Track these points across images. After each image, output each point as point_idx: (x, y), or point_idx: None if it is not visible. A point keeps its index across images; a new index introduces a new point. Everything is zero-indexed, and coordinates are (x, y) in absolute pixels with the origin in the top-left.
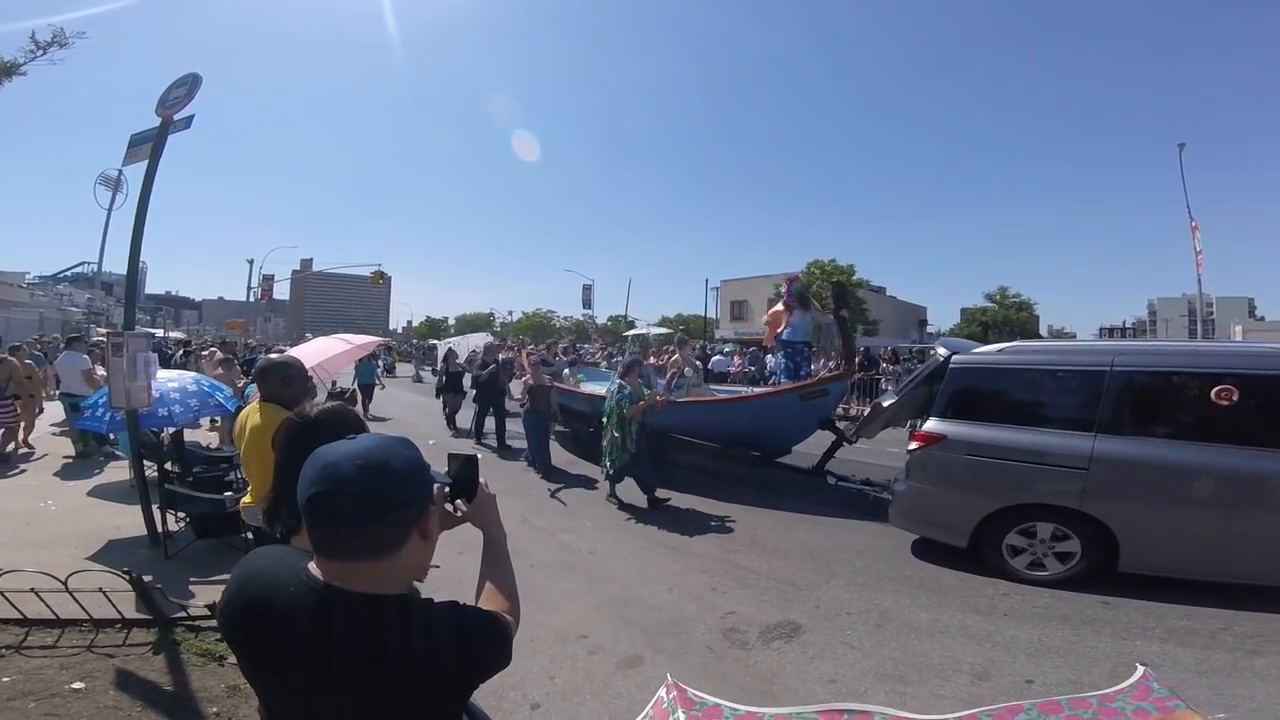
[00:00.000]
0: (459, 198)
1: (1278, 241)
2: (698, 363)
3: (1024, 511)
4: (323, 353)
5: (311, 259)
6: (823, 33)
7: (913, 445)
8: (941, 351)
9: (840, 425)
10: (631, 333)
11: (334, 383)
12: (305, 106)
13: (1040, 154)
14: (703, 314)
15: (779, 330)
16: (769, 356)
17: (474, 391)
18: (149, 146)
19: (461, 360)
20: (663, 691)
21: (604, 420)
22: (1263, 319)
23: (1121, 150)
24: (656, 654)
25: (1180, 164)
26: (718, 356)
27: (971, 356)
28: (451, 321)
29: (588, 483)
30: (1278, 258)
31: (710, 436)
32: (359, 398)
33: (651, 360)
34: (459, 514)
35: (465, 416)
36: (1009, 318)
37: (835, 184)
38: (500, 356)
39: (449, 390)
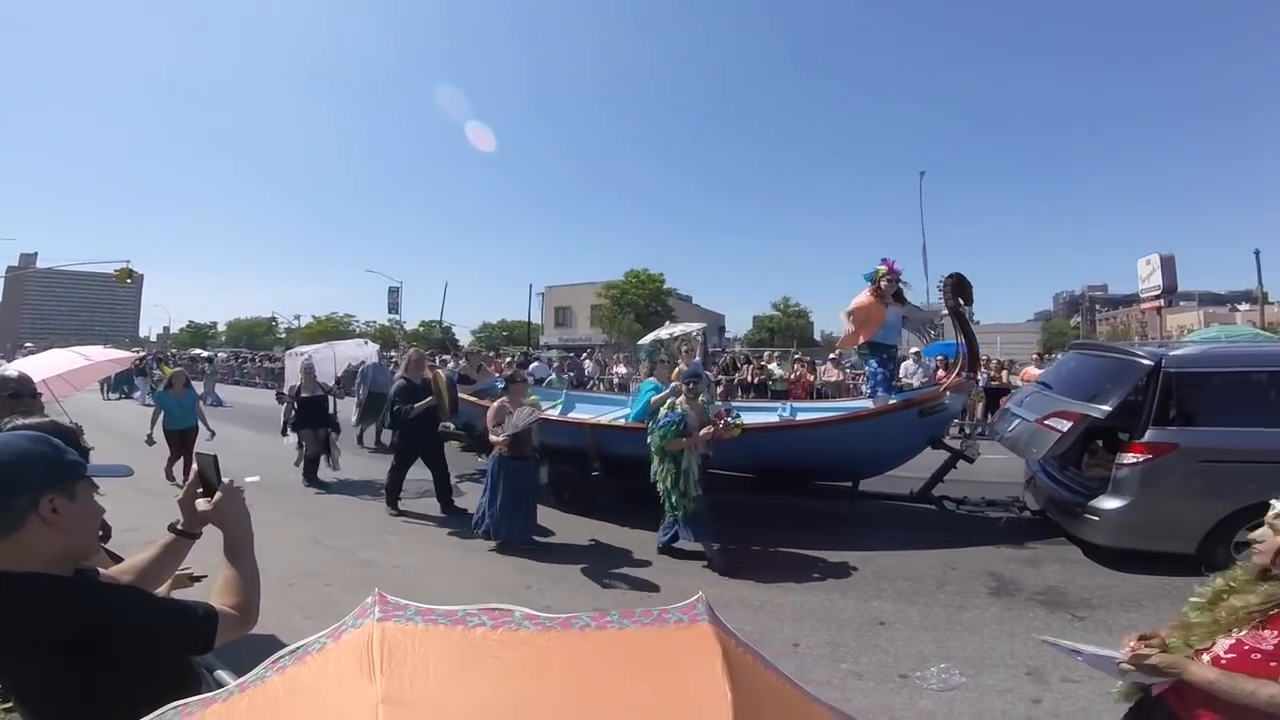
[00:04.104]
0: (231, 187)
1: (993, 259)
2: (709, 374)
3: (1246, 512)
4: (49, 369)
5: (35, 254)
6: (651, 44)
7: (1131, 458)
8: (1139, 353)
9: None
10: (651, 336)
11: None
12: (21, 66)
13: (812, 174)
14: (526, 320)
15: (873, 330)
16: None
17: (394, 434)
18: None
19: (331, 382)
20: (369, 600)
21: (656, 458)
22: (979, 322)
23: (880, 174)
24: None
25: (920, 189)
26: (536, 364)
27: (1182, 360)
28: (222, 327)
29: (607, 553)
30: (987, 273)
31: (784, 468)
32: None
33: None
34: (201, 512)
35: (352, 462)
36: (790, 324)
37: (652, 194)
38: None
39: (306, 424)
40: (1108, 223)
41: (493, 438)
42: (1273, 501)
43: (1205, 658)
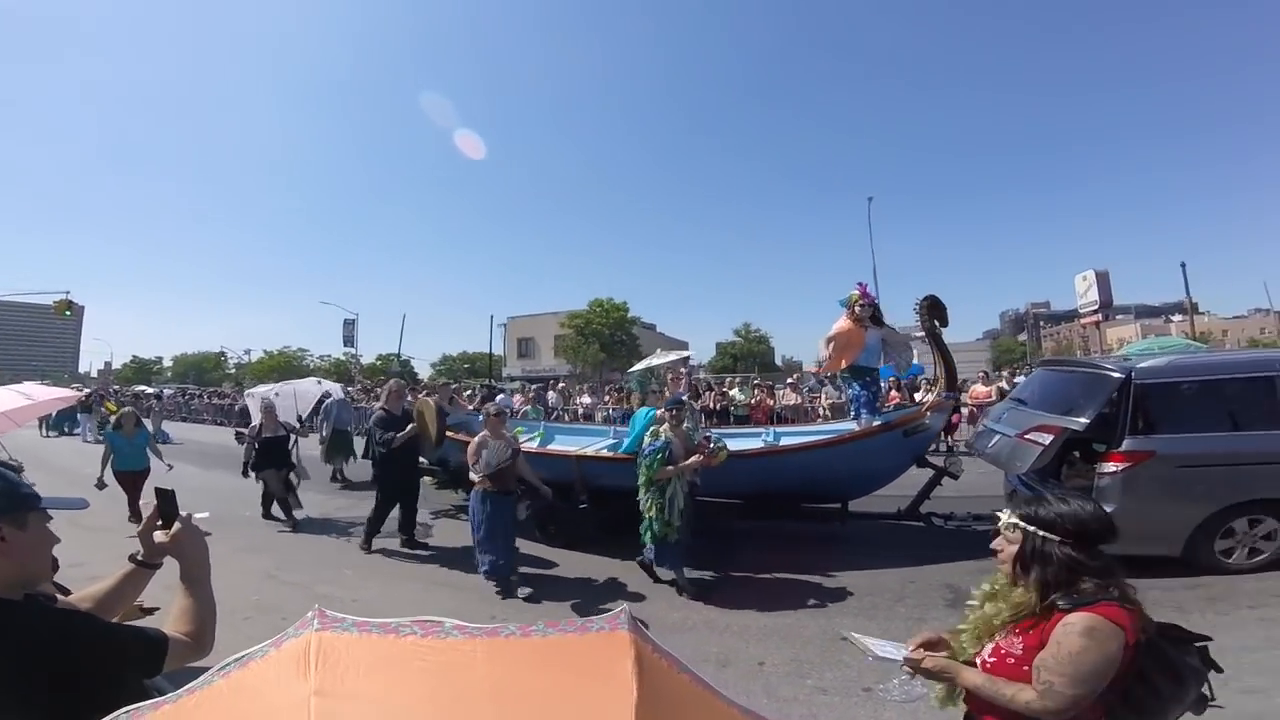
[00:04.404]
0: (176, 214)
1: (941, 280)
2: (692, 402)
3: (1234, 510)
4: None
5: None
6: (613, 70)
7: (1112, 467)
8: (1109, 367)
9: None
10: (642, 365)
11: None
12: None
13: (769, 200)
14: (488, 351)
15: (854, 354)
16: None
17: (374, 469)
18: None
19: (291, 419)
20: (309, 614)
21: (642, 488)
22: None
23: (831, 200)
24: None
25: (869, 214)
26: (501, 396)
27: (1150, 371)
28: (168, 362)
29: (583, 586)
30: (941, 290)
31: (775, 492)
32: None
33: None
34: (159, 544)
35: (314, 500)
36: (751, 350)
37: (614, 222)
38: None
39: (267, 464)
40: (1049, 241)
41: (473, 475)
42: (998, 513)
43: (978, 661)
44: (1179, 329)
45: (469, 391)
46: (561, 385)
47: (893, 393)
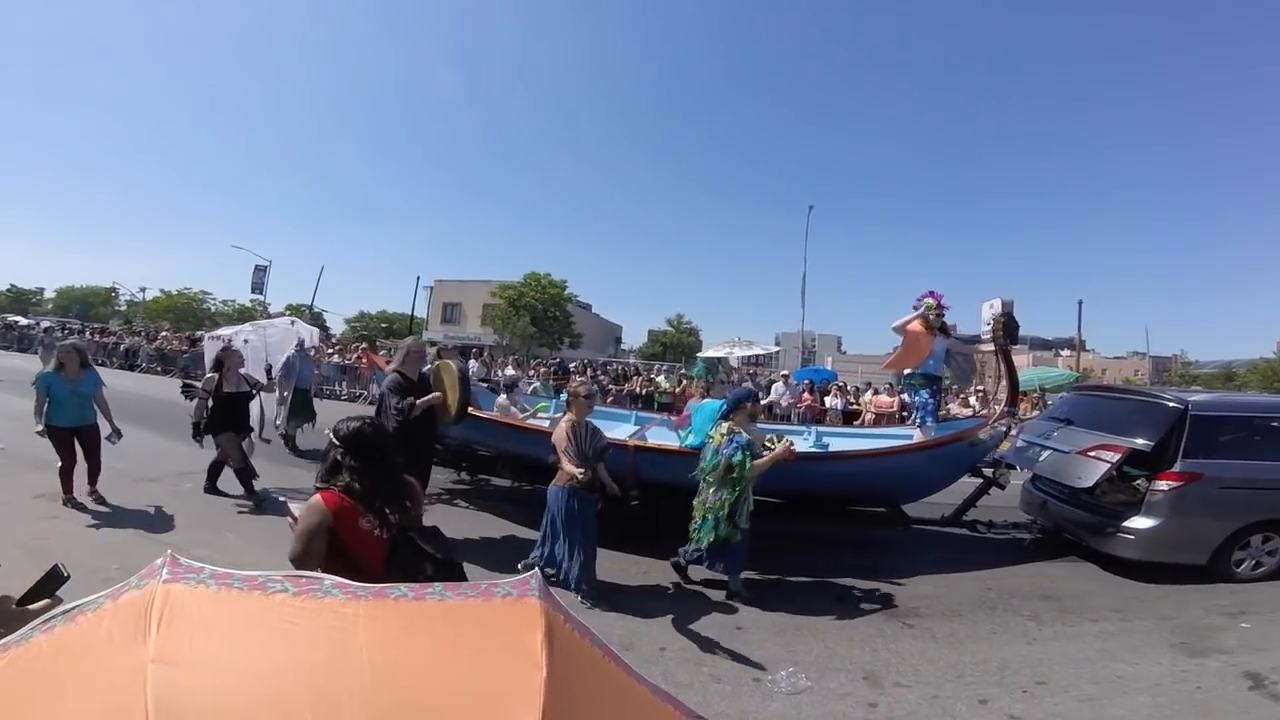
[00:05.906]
0: (75, 136)
1: (861, 290)
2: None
3: (1255, 527)
4: None
5: None
6: (589, 44)
7: (1164, 485)
8: (1167, 397)
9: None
10: (709, 352)
11: None
12: None
13: (708, 201)
14: (410, 313)
15: (921, 359)
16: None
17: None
18: None
19: (254, 370)
20: (159, 561)
21: (705, 481)
22: (845, 353)
23: (761, 212)
24: None
25: (807, 223)
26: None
27: (1203, 404)
28: (50, 294)
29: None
30: (857, 311)
31: (832, 495)
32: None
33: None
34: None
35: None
36: (681, 341)
37: (563, 194)
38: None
39: (221, 426)
40: (962, 263)
41: (569, 466)
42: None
43: None
44: (1066, 363)
45: (383, 352)
46: (485, 355)
47: (805, 395)
